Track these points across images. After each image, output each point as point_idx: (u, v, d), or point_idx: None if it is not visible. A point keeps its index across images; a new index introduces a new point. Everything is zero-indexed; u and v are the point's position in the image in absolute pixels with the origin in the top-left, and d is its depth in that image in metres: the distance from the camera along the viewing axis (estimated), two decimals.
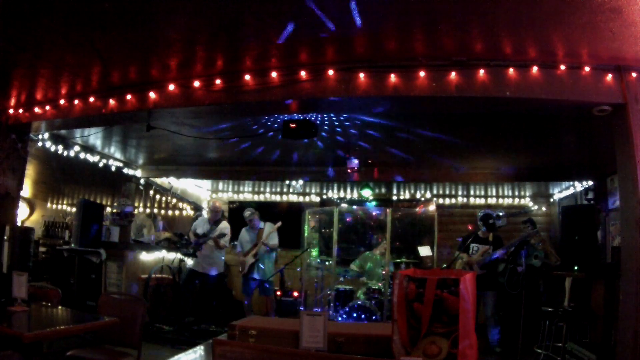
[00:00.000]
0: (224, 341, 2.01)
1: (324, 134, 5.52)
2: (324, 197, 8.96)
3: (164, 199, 8.58)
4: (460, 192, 8.39)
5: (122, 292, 6.15)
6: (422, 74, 3.65)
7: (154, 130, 4.60)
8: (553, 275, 5.92)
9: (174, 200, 8.77)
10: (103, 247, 6.43)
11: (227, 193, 9.47)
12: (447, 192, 8.42)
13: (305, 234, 7.41)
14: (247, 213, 6.72)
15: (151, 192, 8.22)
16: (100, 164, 6.84)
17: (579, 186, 7.03)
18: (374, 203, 8.19)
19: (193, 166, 7.72)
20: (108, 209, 7.78)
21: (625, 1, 2.73)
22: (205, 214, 8.88)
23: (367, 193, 7.59)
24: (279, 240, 6.74)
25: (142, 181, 7.88)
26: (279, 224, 6.63)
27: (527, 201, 8.33)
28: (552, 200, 8.20)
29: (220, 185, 9.28)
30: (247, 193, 9.39)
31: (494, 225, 5.73)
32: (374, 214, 7.60)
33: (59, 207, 8.82)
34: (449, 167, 6.99)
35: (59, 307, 3.58)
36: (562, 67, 3.52)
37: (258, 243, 6.53)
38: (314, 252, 7.49)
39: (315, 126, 4.67)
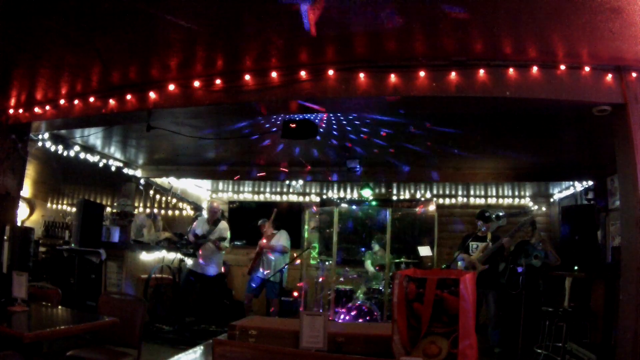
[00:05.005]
0: (224, 341, 2.01)
1: (335, 132, 5.52)
2: (324, 197, 8.96)
3: (164, 199, 8.58)
4: (460, 192, 8.39)
5: (122, 292, 6.15)
6: (422, 74, 3.65)
7: (154, 130, 4.59)
8: (553, 275, 5.92)
9: (174, 200, 8.76)
10: (103, 247, 6.44)
11: (227, 193, 9.46)
12: (447, 192, 8.42)
13: (305, 234, 7.43)
14: (259, 222, 6.83)
15: (151, 192, 8.22)
16: (100, 164, 6.84)
17: (579, 186, 7.03)
18: (374, 203, 8.20)
19: (193, 166, 7.72)
20: (108, 209, 7.78)
21: (625, 1, 2.73)
22: (205, 214, 8.88)
23: (367, 193, 7.60)
24: (286, 241, 6.68)
25: (142, 181, 7.88)
26: (275, 210, 6.66)
27: (527, 201, 8.33)
28: (552, 200, 8.20)
29: (220, 185, 9.28)
30: (247, 193, 9.38)
31: (489, 218, 5.73)
32: (374, 214, 7.61)
33: (59, 207, 8.81)
34: (449, 167, 6.99)
35: (59, 307, 3.58)
36: (562, 67, 3.52)
37: (264, 245, 6.55)
38: (314, 252, 7.51)
39: (315, 126, 4.67)
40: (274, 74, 3.89)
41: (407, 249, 7.24)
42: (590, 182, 6.67)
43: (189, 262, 6.85)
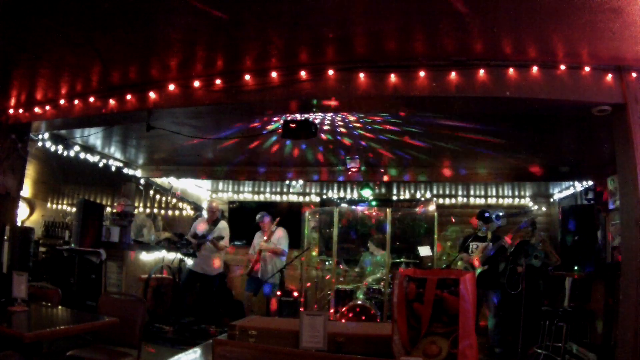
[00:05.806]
0: (224, 341, 2.01)
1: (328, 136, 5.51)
2: (324, 197, 8.95)
3: (164, 199, 8.57)
4: (460, 192, 8.39)
5: (122, 292, 6.15)
6: (422, 74, 3.65)
7: (154, 130, 4.59)
8: (553, 275, 5.92)
9: (174, 200, 8.76)
10: (103, 247, 6.43)
11: (227, 193, 9.46)
12: (447, 192, 8.41)
13: (305, 234, 7.42)
14: (257, 216, 6.79)
15: (151, 192, 8.21)
16: (100, 164, 6.84)
17: (579, 186, 7.03)
18: (374, 203, 8.19)
19: (193, 166, 7.72)
20: (108, 209, 7.78)
21: (625, 1, 2.73)
22: (204, 214, 8.87)
23: (367, 193, 7.59)
24: (285, 243, 6.65)
25: (142, 181, 7.88)
26: (278, 219, 6.66)
27: (527, 201, 8.33)
28: (552, 200, 8.20)
29: (220, 185, 9.27)
30: (247, 193, 9.38)
31: (489, 219, 5.73)
32: (373, 214, 7.60)
33: (59, 207, 8.81)
34: (449, 167, 6.98)
35: (59, 307, 3.58)
36: (562, 67, 3.52)
37: (263, 247, 6.53)
38: (314, 252, 7.51)
39: (315, 126, 4.66)
40: (274, 74, 3.89)
41: (407, 249, 7.24)
42: (590, 182, 6.67)
43: (189, 262, 6.85)
